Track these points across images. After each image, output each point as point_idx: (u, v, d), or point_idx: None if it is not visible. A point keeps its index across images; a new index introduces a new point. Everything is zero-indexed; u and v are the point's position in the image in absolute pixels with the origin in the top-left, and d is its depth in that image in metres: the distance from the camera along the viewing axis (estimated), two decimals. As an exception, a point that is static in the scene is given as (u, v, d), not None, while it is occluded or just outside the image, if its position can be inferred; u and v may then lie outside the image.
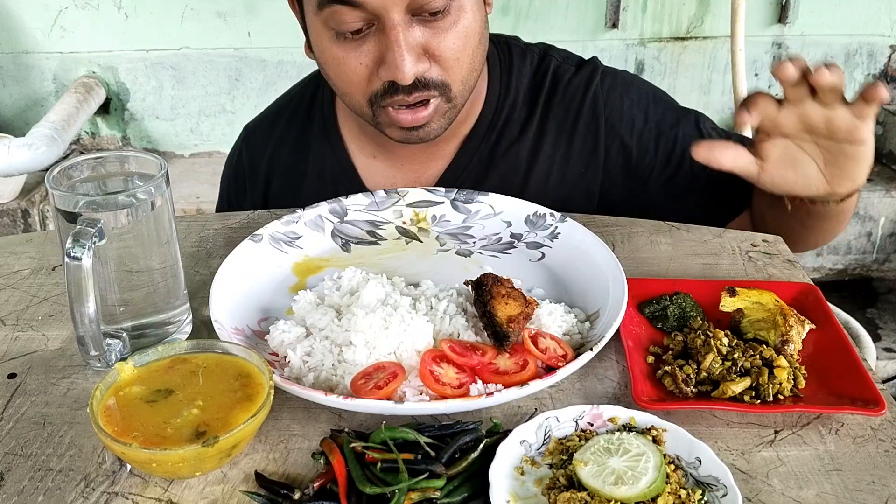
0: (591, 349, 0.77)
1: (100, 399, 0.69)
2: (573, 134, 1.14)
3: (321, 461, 0.69)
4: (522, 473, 0.67)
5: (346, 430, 0.71)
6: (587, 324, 0.86)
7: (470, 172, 1.15)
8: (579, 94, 1.14)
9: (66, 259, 0.71)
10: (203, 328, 0.88)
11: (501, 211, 1.06)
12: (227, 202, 1.31)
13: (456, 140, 1.16)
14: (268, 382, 0.70)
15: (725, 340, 0.80)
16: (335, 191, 1.12)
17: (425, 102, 0.99)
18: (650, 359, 0.82)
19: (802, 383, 0.77)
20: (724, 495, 0.64)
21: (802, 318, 0.83)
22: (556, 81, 1.16)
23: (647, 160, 1.14)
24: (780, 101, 0.88)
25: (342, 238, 1.04)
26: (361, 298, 0.85)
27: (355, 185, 1.17)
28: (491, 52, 1.13)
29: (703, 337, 0.81)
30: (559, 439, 0.70)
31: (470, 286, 0.86)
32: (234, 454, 0.68)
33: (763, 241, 1.06)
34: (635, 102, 1.15)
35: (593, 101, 1.14)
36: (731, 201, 1.14)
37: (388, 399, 0.73)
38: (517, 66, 1.17)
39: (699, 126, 1.16)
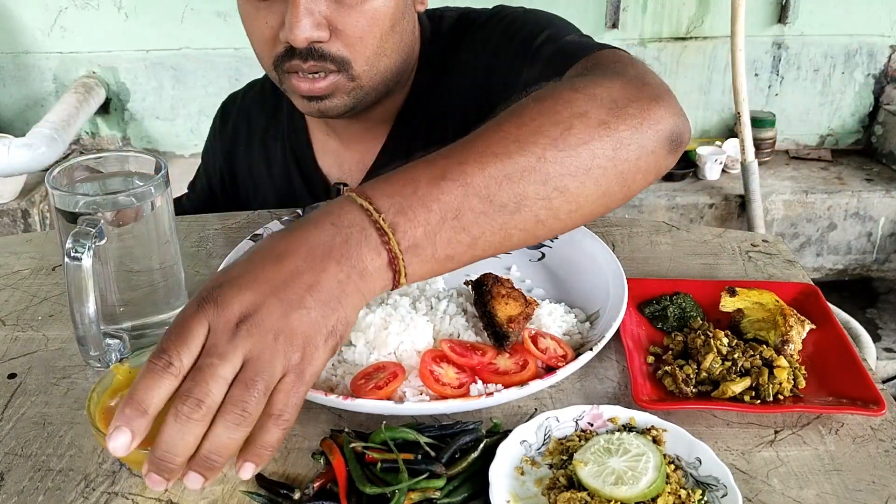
0: (591, 349, 0.77)
1: (96, 401, 0.69)
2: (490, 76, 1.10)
3: (321, 461, 0.69)
4: (522, 473, 0.67)
5: (346, 430, 0.71)
6: (587, 324, 0.86)
7: (406, 153, 1.08)
8: (472, 42, 1.11)
9: (66, 259, 0.71)
10: (203, 328, 0.88)
11: (501, 211, 1.06)
12: (204, 167, 1.39)
13: (390, 121, 1.15)
14: None
15: (725, 340, 0.80)
16: (296, 166, 1.22)
17: (324, 75, 0.99)
18: (650, 359, 0.83)
19: (802, 383, 0.78)
20: (724, 495, 0.64)
21: (802, 318, 0.83)
22: (463, 34, 1.13)
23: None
24: None
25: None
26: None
27: (308, 162, 1.21)
28: (424, 29, 1.13)
29: (703, 337, 0.81)
30: (559, 439, 0.70)
31: (470, 286, 0.86)
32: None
33: (763, 241, 1.06)
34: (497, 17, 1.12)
35: (479, 26, 1.11)
36: None
37: (388, 399, 0.73)
38: (444, 37, 1.15)
39: None
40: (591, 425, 0.72)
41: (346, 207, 0.65)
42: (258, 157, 1.27)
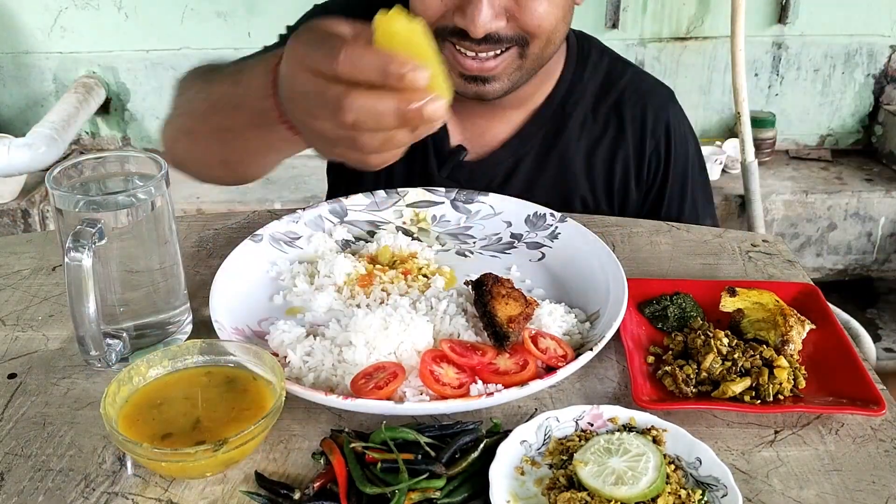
0: (591, 349, 0.77)
1: (112, 398, 0.69)
2: (641, 148, 1.18)
3: (321, 461, 0.69)
4: (522, 473, 0.67)
5: (346, 430, 0.71)
6: (587, 324, 0.86)
7: (535, 144, 1.17)
8: (649, 113, 1.18)
9: (66, 259, 0.71)
10: (203, 328, 0.88)
11: (501, 211, 1.06)
12: None
13: (523, 109, 1.17)
14: (279, 387, 0.70)
15: (725, 340, 0.80)
16: None
17: (496, 53, 0.98)
18: (650, 359, 0.82)
19: (802, 383, 0.78)
20: (724, 495, 0.64)
21: (802, 318, 0.83)
22: (623, 92, 1.19)
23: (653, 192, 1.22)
24: None
25: (342, 238, 1.04)
26: (360, 297, 0.85)
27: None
28: (570, 41, 1.17)
29: (703, 337, 0.81)
30: (559, 439, 0.70)
31: (470, 286, 0.86)
32: (237, 459, 0.69)
33: (763, 241, 1.06)
34: (692, 149, 1.22)
35: (667, 127, 1.19)
36: None
37: (388, 399, 0.73)
38: (593, 62, 1.19)
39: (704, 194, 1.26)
40: (591, 425, 0.71)
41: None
42: None
